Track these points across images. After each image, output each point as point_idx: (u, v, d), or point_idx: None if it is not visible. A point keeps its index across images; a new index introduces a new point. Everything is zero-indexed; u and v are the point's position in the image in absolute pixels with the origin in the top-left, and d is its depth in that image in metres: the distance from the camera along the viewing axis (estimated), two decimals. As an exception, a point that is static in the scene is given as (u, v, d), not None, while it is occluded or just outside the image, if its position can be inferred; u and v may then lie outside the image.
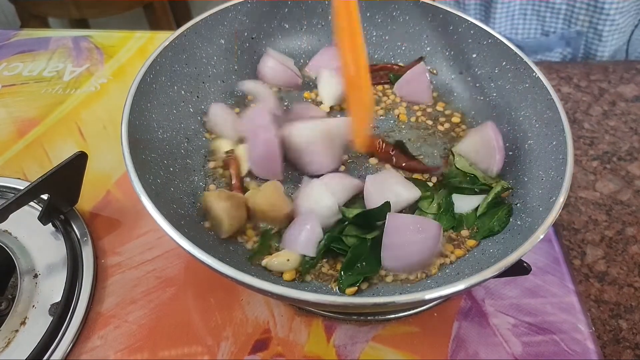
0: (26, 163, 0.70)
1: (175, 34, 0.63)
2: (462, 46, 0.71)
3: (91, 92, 0.80)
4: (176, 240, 0.44)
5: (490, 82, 0.68)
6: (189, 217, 0.54)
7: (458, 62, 0.72)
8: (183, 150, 0.61)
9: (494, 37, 0.66)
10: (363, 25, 0.74)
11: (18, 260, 0.58)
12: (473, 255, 0.54)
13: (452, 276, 0.52)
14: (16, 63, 0.86)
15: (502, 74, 0.67)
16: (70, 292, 0.55)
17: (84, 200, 0.63)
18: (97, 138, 0.73)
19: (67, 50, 0.89)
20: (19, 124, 0.75)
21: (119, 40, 0.91)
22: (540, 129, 0.60)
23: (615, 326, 0.58)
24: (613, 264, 0.63)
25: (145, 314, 0.55)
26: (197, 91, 0.66)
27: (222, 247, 0.54)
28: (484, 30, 0.67)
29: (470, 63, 0.71)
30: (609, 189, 0.71)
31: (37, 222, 0.59)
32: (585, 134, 0.79)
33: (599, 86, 0.86)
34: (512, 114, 0.65)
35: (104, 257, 0.60)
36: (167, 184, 0.55)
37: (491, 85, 0.68)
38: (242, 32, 0.71)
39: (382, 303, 0.42)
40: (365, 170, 0.63)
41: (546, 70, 0.89)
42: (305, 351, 0.52)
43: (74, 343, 0.52)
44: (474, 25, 0.68)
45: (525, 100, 0.63)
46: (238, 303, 0.56)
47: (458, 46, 0.71)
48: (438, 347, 0.53)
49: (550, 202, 0.49)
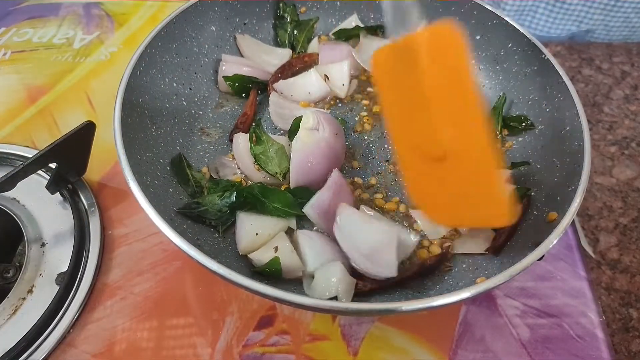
0: (35, 131, 0.69)
1: (163, 22, 0.61)
2: (465, 27, 0.68)
3: (101, 61, 0.79)
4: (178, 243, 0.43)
5: (496, 64, 0.66)
6: (189, 220, 0.53)
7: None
8: (179, 146, 0.60)
9: (500, 17, 0.63)
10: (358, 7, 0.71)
11: (26, 228, 0.58)
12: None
13: (469, 272, 0.51)
14: (26, 29, 0.85)
15: (508, 56, 0.64)
16: (76, 262, 0.55)
17: (92, 171, 0.63)
18: (107, 108, 0.72)
19: (78, 17, 0.87)
20: (29, 91, 0.75)
21: (131, 8, 0.89)
22: (552, 113, 0.58)
23: (625, 314, 0.58)
24: (626, 251, 0.62)
25: (151, 286, 0.55)
26: (190, 83, 0.65)
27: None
28: (489, 10, 0.64)
29: (474, 45, 0.68)
30: (626, 176, 0.70)
31: (45, 191, 0.59)
32: (605, 118, 0.77)
33: (622, 69, 0.84)
34: (520, 98, 0.63)
35: (111, 228, 0.59)
36: (166, 185, 0.54)
37: (496, 68, 0.66)
38: (233, 17, 0.69)
39: (386, 309, 0.41)
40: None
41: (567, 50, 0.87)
42: (311, 329, 0.52)
43: (80, 313, 0.52)
44: (477, 5, 0.65)
45: (533, 83, 0.61)
46: (244, 279, 0.55)
47: (460, 27, 0.68)
48: (444, 329, 0.52)
49: (569, 192, 0.48)
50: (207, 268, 0.42)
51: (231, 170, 0.60)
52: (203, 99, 0.66)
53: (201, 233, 0.53)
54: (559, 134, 0.56)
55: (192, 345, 0.51)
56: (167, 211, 0.50)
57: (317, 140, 0.55)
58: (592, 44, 0.91)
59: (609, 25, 0.89)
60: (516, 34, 0.62)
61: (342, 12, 0.74)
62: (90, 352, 0.50)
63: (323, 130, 0.56)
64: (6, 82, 0.76)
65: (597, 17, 0.88)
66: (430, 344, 0.51)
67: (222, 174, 0.60)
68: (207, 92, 0.67)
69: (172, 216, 0.50)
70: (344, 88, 0.66)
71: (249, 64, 0.69)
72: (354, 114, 0.67)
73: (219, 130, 0.64)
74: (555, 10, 0.90)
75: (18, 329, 0.50)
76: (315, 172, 0.56)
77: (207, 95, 0.67)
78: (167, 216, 0.45)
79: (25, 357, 0.49)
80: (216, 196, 0.54)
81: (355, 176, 0.60)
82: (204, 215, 0.53)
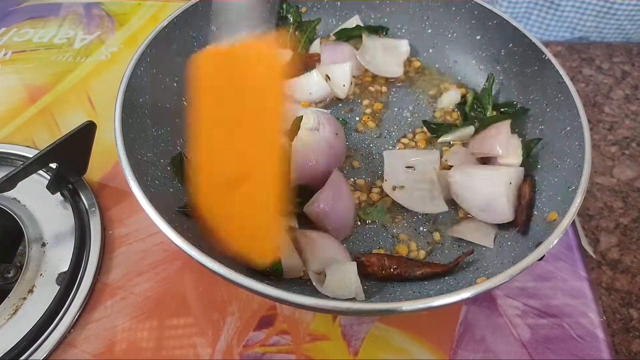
0: (36, 131, 0.69)
1: (163, 22, 0.61)
2: (466, 27, 0.68)
3: (102, 61, 0.79)
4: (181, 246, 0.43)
5: (496, 64, 0.66)
6: (190, 220, 0.53)
7: (461, 44, 0.69)
8: (179, 147, 0.60)
9: (500, 17, 0.63)
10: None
11: (26, 228, 0.58)
12: (489, 249, 0.53)
13: (470, 272, 0.51)
14: (27, 29, 0.85)
15: (508, 57, 0.64)
16: (77, 262, 0.55)
17: (93, 171, 0.63)
18: (107, 108, 0.71)
19: (78, 17, 0.87)
20: (30, 91, 0.75)
21: (131, 8, 0.89)
22: (552, 113, 0.58)
23: (625, 315, 0.58)
24: (627, 252, 0.62)
25: (152, 286, 0.55)
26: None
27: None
28: (489, 10, 0.64)
29: (474, 45, 0.68)
30: (627, 176, 0.70)
31: (46, 191, 0.59)
32: (605, 118, 0.77)
33: (622, 69, 0.84)
34: (520, 98, 0.63)
35: (111, 228, 0.59)
36: (166, 185, 0.54)
37: (497, 68, 0.66)
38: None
39: (387, 309, 0.41)
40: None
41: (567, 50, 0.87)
42: (311, 329, 0.52)
43: (80, 313, 0.52)
44: (477, 5, 0.65)
45: (534, 83, 0.61)
46: (245, 279, 0.55)
47: (461, 28, 0.69)
48: (445, 330, 0.52)
49: (569, 192, 0.48)
50: (207, 268, 0.42)
51: None
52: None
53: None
54: (559, 134, 0.56)
55: (193, 345, 0.51)
56: (168, 211, 0.50)
57: (318, 140, 0.55)
58: (592, 44, 0.91)
59: (602, 32, 0.89)
60: (516, 34, 0.62)
61: (342, 12, 0.74)
62: (90, 352, 0.50)
63: (323, 130, 0.56)
64: (7, 82, 0.76)
65: (590, 24, 0.88)
66: (430, 344, 0.51)
67: None
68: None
69: (172, 216, 0.50)
70: (344, 89, 0.66)
71: None
72: (355, 114, 0.67)
73: (219, 131, 0.64)
74: (549, 17, 0.90)
75: (19, 328, 0.50)
76: (315, 171, 0.56)
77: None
78: (167, 216, 0.45)
79: (26, 357, 0.49)
80: None
81: (355, 176, 0.60)
82: None
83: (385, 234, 0.56)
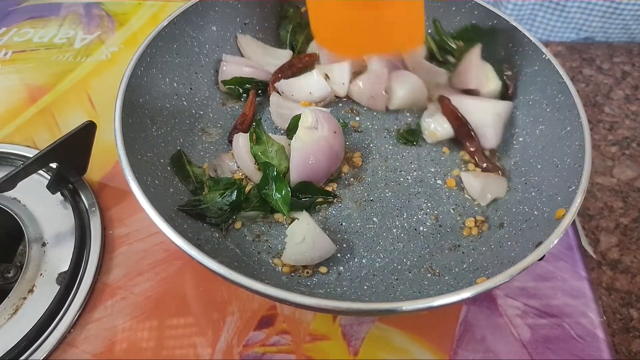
0: (36, 131, 0.69)
1: (164, 22, 0.61)
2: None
3: (102, 61, 0.79)
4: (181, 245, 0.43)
5: (496, 64, 0.66)
6: (190, 220, 0.53)
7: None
8: (179, 146, 0.60)
9: (500, 17, 0.63)
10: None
11: (27, 228, 0.58)
12: (490, 249, 0.53)
13: (470, 272, 0.51)
14: (27, 29, 0.85)
15: (508, 57, 0.64)
16: (77, 261, 0.55)
17: (93, 171, 0.63)
18: (107, 108, 0.72)
19: (78, 17, 0.87)
20: (30, 91, 0.75)
21: (131, 8, 0.89)
22: (552, 114, 0.58)
23: (625, 315, 0.58)
24: (627, 252, 0.62)
25: (152, 286, 0.55)
26: (190, 83, 0.65)
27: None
28: (490, 10, 0.64)
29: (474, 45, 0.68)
30: (627, 176, 0.70)
31: (46, 191, 0.59)
32: (605, 118, 0.77)
33: (622, 69, 0.84)
34: (520, 98, 0.63)
35: (111, 228, 0.59)
36: (166, 185, 0.54)
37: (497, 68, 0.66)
38: (234, 18, 0.69)
39: (387, 309, 0.41)
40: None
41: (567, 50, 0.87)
42: (311, 329, 0.52)
43: (80, 312, 0.52)
44: (478, 5, 0.65)
45: (534, 83, 0.61)
46: (245, 278, 0.55)
47: (461, 27, 0.68)
48: (445, 329, 0.52)
49: (569, 192, 0.48)
50: (207, 268, 0.42)
51: (229, 168, 0.60)
52: (204, 99, 0.66)
53: (201, 233, 0.53)
54: (559, 134, 0.56)
55: (193, 345, 0.51)
56: (168, 211, 0.50)
57: (317, 139, 0.55)
58: (593, 44, 0.91)
59: (607, 32, 0.89)
60: (517, 34, 0.62)
61: (342, 12, 0.74)
62: (90, 352, 0.50)
63: (322, 129, 0.56)
64: (7, 82, 0.76)
65: (595, 25, 0.88)
66: (430, 344, 0.51)
67: (220, 171, 0.59)
68: (208, 92, 0.67)
69: (172, 216, 0.50)
70: (344, 87, 0.66)
71: (249, 64, 0.69)
72: (355, 113, 0.67)
73: (219, 130, 0.64)
74: (554, 18, 0.90)
75: (19, 328, 0.50)
76: (314, 170, 0.56)
77: (207, 95, 0.66)
78: (167, 216, 0.45)
79: (26, 356, 0.49)
80: (217, 194, 0.54)
81: (355, 175, 0.60)
82: (205, 213, 0.53)
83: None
